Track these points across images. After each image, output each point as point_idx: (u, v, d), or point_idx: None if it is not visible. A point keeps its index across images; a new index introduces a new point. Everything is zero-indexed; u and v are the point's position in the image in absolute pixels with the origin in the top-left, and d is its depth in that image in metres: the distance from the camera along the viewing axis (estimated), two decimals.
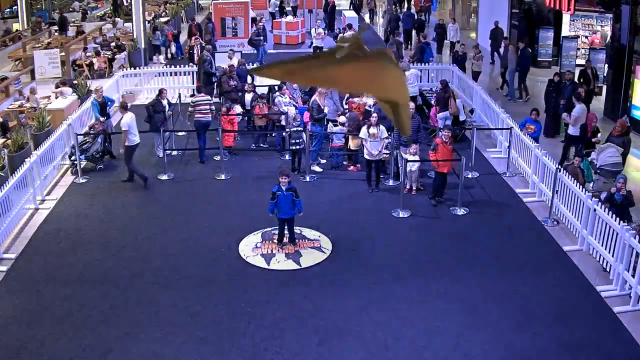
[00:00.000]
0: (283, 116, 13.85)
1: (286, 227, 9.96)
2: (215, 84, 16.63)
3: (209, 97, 14.26)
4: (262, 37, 21.63)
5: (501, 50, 19.41)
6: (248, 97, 14.98)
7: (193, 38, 20.73)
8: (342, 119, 13.53)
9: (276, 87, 14.98)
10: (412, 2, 28.74)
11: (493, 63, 21.42)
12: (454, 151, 11.48)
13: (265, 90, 15.84)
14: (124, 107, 12.66)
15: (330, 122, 13.70)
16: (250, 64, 18.39)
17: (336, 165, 13.26)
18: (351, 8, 27.00)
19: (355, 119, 12.89)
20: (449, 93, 14.28)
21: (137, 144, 12.38)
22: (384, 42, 24.58)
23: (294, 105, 14.02)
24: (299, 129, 12.69)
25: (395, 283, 8.98)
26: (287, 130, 12.99)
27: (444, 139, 11.21)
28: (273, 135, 14.30)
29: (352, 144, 12.78)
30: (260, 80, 16.70)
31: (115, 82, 17.98)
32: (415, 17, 27.27)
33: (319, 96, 13.80)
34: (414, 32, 25.14)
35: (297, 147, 12.69)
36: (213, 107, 13.91)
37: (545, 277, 9.13)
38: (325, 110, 13.69)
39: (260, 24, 22.87)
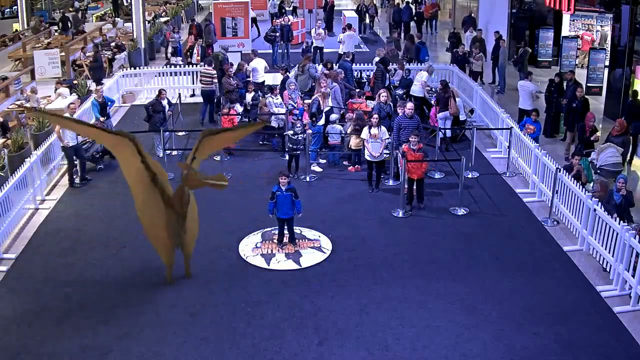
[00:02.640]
0: (273, 117, 13.88)
1: (286, 227, 9.96)
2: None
3: (213, 72, 15.97)
4: (278, 34, 21.65)
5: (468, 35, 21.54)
6: (249, 96, 14.98)
7: (191, 38, 20.76)
8: (333, 116, 13.54)
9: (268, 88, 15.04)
10: (423, 8, 29.32)
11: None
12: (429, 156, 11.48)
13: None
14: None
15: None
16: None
17: (333, 162, 13.25)
18: (358, 13, 27.47)
19: (362, 117, 12.85)
20: (449, 93, 14.28)
21: (72, 146, 12.29)
22: (388, 35, 25.34)
23: (293, 106, 14.03)
24: (300, 136, 12.63)
25: (395, 283, 8.98)
26: (287, 133, 12.95)
27: (412, 146, 10.96)
28: (276, 135, 14.28)
29: (353, 143, 12.77)
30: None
31: (115, 82, 18.01)
32: (414, 11, 28.14)
33: (321, 96, 13.82)
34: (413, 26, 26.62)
35: (295, 152, 12.66)
36: (215, 80, 15.75)
37: (545, 277, 9.14)
38: (326, 110, 13.71)
39: (279, 21, 22.93)
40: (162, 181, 8.55)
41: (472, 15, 24.50)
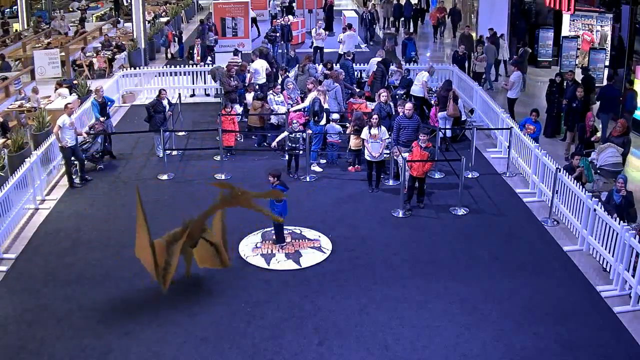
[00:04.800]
0: (273, 116, 13.89)
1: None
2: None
3: (239, 61, 17.08)
4: (278, 34, 21.70)
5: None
6: (249, 97, 14.97)
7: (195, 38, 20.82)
8: (335, 115, 13.55)
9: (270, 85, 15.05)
10: (429, 16, 29.43)
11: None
12: (433, 156, 11.40)
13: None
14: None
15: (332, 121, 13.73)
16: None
17: (331, 160, 13.25)
18: (362, 23, 27.52)
19: (361, 117, 12.85)
20: (449, 93, 14.24)
21: (70, 147, 12.18)
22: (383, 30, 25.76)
23: (290, 105, 14.04)
24: (299, 135, 12.63)
25: (395, 283, 8.98)
26: (287, 133, 12.96)
27: (420, 143, 10.99)
28: (269, 135, 14.28)
29: (353, 144, 12.76)
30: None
31: (115, 82, 18.01)
32: (414, 7, 28.96)
33: (321, 95, 13.80)
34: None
35: (294, 150, 12.66)
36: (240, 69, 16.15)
37: (546, 277, 9.14)
38: (326, 106, 13.73)
39: (279, 21, 22.99)
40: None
41: (457, 7, 24.64)
